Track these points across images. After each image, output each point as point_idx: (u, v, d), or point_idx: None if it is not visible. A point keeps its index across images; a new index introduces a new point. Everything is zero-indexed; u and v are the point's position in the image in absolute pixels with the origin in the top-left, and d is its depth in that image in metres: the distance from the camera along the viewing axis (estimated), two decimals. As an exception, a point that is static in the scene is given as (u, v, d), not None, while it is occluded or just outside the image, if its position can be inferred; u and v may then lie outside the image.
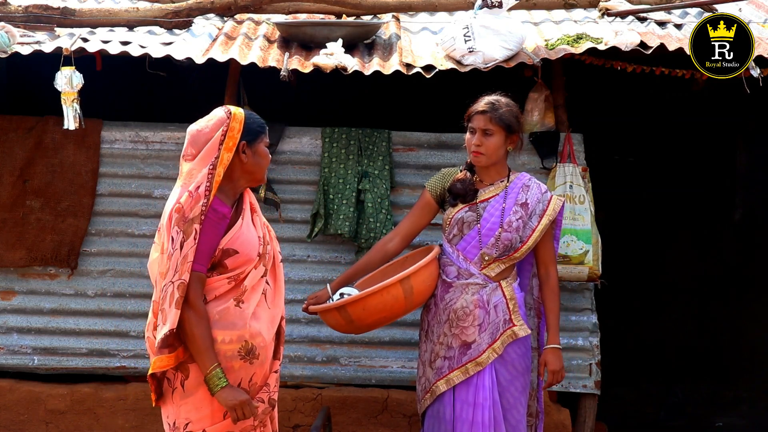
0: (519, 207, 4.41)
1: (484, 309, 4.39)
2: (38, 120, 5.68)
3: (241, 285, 3.60)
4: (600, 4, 5.87)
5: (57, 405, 5.57)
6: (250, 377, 3.62)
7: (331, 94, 7.03)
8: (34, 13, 5.53)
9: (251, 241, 3.63)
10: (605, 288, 5.55)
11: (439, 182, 4.56)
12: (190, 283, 3.49)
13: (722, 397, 7.51)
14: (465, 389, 4.39)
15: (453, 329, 4.42)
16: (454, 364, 4.41)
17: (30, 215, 5.62)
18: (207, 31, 5.61)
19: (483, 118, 4.39)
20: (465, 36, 5.16)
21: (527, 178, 4.51)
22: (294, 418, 5.54)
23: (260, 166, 3.72)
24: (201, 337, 3.50)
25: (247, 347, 3.58)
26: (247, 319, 3.58)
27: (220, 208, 3.59)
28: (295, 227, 5.65)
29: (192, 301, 3.51)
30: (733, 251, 7.79)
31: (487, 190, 4.46)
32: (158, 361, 3.55)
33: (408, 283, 4.36)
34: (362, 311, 4.37)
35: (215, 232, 3.56)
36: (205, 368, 3.51)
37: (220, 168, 3.58)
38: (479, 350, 4.38)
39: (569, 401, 5.67)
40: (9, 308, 5.65)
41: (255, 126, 3.71)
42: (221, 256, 3.58)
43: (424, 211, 4.60)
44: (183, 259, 3.49)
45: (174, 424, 3.61)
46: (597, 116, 7.11)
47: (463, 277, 4.43)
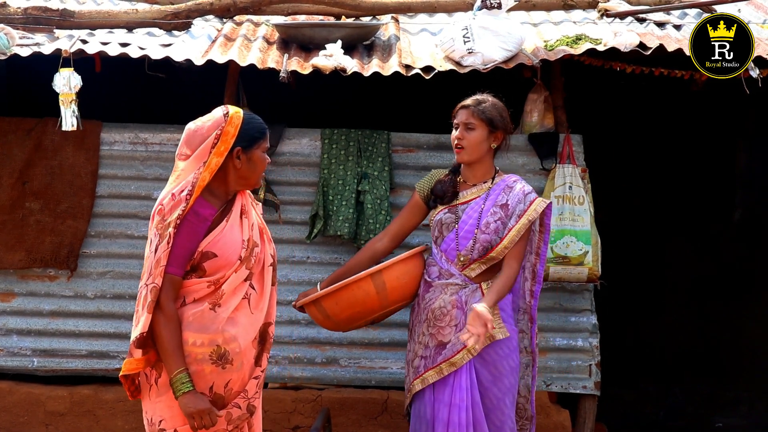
0: (498, 208, 4.39)
1: (462, 309, 4.37)
2: (37, 122, 5.68)
3: (220, 289, 3.56)
4: (599, 5, 5.87)
5: (57, 407, 5.57)
6: (226, 383, 3.57)
7: (330, 96, 7.03)
8: (33, 14, 5.53)
9: (232, 245, 3.58)
10: (605, 288, 5.55)
11: (427, 183, 4.58)
12: (162, 286, 3.47)
13: (722, 398, 7.50)
14: (442, 389, 4.38)
15: (430, 329, 4.42)
16: (429, 363, 4.41)
17: (29, 217, 5.62)
18: (206, 33, 5.61)
19: (465, 112, 4.41)
20: (464, 37, 5.17)
21: (513, 179, 4.48)
22: (294, 420, 5.55)
23: (255, 172, 3.66)
24: (168, 341, 3.48)
25: (219, 352, 3.53)
26: (221, 324, 3.54)
27: (203, 210, 3.55)
28: (295, 228, 5.65)
29: (162, 303, 3.48)
30: (732, 251, 7.79)
31: (470, 191, 4.46)
32: (128, 363, 3.55)
33: (380, 278, 4.36)
34: (335, 306, 4.38)
35: (193, 235, 3.52)
36: (171, 371, 3.49)
37: (206, 173, 3.54)
38: (453, 350, 4.36)
39: (569, 402, 5.67)
40: (8, 310, 5.65)
41: (253, 131, 3.64)
42: (200, 259, 3.54)
43: (413, 212, 4.61)
44: (156, 263, 3.48)
45: (151, 420, 3.62)
46: (597, 117, 7.12)
47: (444, 277, 4.43)
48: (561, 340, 5.55)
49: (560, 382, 5.56)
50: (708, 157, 7.73)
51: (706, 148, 7.71)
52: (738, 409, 7.36)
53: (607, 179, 6.52)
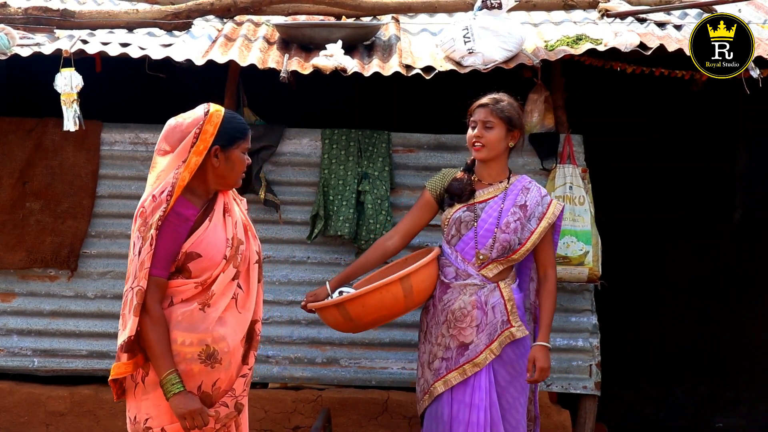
0: (517, 209, 4.41)
1: (482, 310, 4.38)
2: (38, 122, 5.68)
3: (209, 290, 3.54)
4: (599, 5, 5.87)
5: (57, 407, 5.57)
6: (214, 382, 3.56)
7: (330, 96, 7.03)
8: (33, 14, 5.53)
9: (216, 244, 3.55)
10: (605, 289, 5.55)
11: (439, 182, 4.56)
12: (147, 289, 3.46)
13: (722, 398, 7.50)
14: (462, 390, 4.38)
15: (451, 330, 4.42)
16: (451, 365, 4.41)
17: (30, 217, 5.62)
18: (206, 33, 5.60)
19: (484, 111, 4.40)
20: (464, 37, 5.16)
21: (527, 180, 4.52)
22: (294, 420, 5.55)
23: (233, 172, 3.62)
24: (156, 343, 3.47)
25: (208, 351, 3.52)
26: (210, 324, 3.53)
27: (185, 210, 3.53)
28: (295, 229, 5.65)
29: (148, 306, 3.47)
30: (732, 252, 7.79)
31: (487, 191, 4.46)
32: (117, 367, 3.54)
33: (408, 282, 4.35)
34: (361, 309, 4.37)
35: (175, 236, 3.51)
36: (160, 373, 3.47)
37: (185, 173, 3.52)
38: (476, 351, 4.38)
39: (569, 402, 5.67)
40: (9, 310, 5.65)
41: (232, 131, 3.60)
42: (185, 260, 3.52)
43: (424, 211, 4.60)
44: (140, 266, 3.47)
45: (135, 419, 3.58)
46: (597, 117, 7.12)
47: (461, 277, 4.42)
48: (561, 341, 5.55)
49: (560, 382, 5.56)
50: (708, 157, 7.73)
51: (706, 148, 7.71)
52: (738, 410, 7.37)
53: (607, 179, 6.52)
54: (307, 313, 5.59)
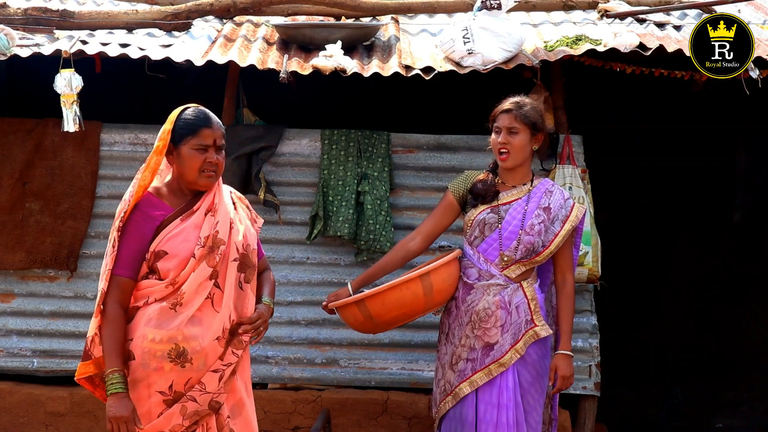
0: (541, 211, 4.40)
1: (506, 310, 4.38)
2: (38, 122, 5.69)
3: (179, 290, 3.53)
4: (599, 6, 5.87)
5: (57, 407, 5.57)
6: (186, 381, 3.54)
7: (330, 96, 7.03)
8: (33, 15, 5.53)
9: (185, 242, 3.54)
10: (605, 289, 5.54)
11: (462, 183, 4.54)
12: (108, 289, 3.51)
13: (722, 399, 7.50)
14: (488, 391, 4.37)
15: (475, 331, 4.40)
16: (477, 365, 4.39)
17: (29, 217, 5.62)
18: (206, 34, 5.60)
19: (508, 117, 4.38)
20: (464, 38, 5.16)
21: (550, 183, 4.51)
22: (294, 420, 5.54)
23: (186, 168, 3.58)
24: (106, 340, 3.51)
25: (178, 350, 3.51)
26: (181, 323, 3.52)
27: (152, 210, 3.55)
28: (295, 229, 5.65)
29: (105, 305, 3.52)
30: (733, 252, 7.79)
31: (510, 193, 4.45)
32: (80, 367, 3.62)
33: (428, 280, 4.35)
34: (381, 306, 4.36)
35: (139, 235, 3.53)
36: (105, 370, 3.50)
37: (146, 173, 3.57)
38: (502, 351, 4.36)
39: (569, 403, 5.66)
40: (8, 311, 5.65)
41: (181, 128, 3.58)
42: (154, 259, 3.54)
43: (446, 212, 4.58)
44: (104, 267, 3.53)
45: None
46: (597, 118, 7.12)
47: (484, 278, 4.41)
48: (561, 341, 5.54)
49: (560, 382, 5.56)
50: (708, 157, 7.73)
51: (706, 148, 7.71)
52: (738, 410, 7.36)
53: (607, 179, 6.52)
54: (307, 314, 5.61)
